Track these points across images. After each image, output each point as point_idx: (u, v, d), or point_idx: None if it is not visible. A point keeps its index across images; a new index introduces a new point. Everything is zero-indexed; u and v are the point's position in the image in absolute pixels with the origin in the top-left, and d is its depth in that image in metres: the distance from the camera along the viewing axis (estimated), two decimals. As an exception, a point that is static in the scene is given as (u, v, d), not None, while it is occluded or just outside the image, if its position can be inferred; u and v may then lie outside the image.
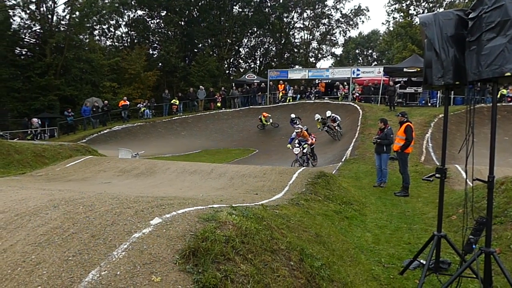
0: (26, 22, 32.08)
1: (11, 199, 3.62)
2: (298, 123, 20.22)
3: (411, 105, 23.25)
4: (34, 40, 32.61)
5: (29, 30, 32.38)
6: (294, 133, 14.17)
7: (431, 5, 41.42)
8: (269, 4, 46.88)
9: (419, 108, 21.20)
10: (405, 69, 22.67)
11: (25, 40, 32.46)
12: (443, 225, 4.09)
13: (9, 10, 30.55)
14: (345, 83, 27.41)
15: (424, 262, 3.97)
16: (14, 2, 30.63)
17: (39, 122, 25.30)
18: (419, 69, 21.48)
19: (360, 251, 5.09)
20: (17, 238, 2.72)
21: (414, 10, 42.84)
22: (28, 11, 31.51)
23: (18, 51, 32.15)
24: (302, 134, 14.10)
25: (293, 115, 22.26)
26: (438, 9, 38.96)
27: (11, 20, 31.18)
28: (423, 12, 40.25)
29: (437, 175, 3.95)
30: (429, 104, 22.98)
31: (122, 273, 2.33)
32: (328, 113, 20.17)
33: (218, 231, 2.88)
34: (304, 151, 13.82)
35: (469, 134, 3.39)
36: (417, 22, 40.50)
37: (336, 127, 20.08)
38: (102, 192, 5.16)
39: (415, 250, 4.96)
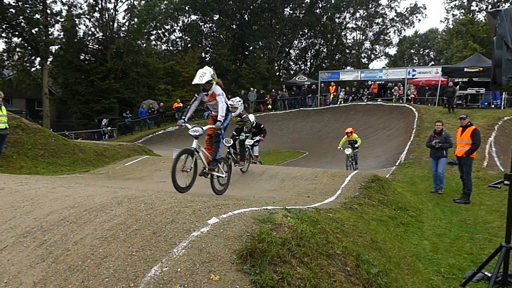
0: (90, 29, 34.33)
1: (80, 195, 3.88)
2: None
3: (472, 106, 21.90)
4: (97, 46, 34.74)
5: (93, 37, 34.56)
6: None
7: (495, 0, 38.64)
8: (320, 5, 46.30)
9: (481, 110, 19.91)
10: (465, 69, 21.40)
11: (89, 46, 34.64)
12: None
13: (76, 19, 32.82)
14: (400, 84, 26.43)
15: (490, 275, 3.73)
16: (80, 12, 32.92)
17: (106, 123, 26.99)
18: (481, 69, 20.19)
19: (417, 260, 4.89)
20: (86, 232, 2.91)
21: (477, 6, 40.17)
22: (92, 19, 33.74)
23: (82, 57, 34.40)
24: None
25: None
26: (503, 4, 36.24)
27: (77, 29, 33.51)
28: (486, 8, 37.68)
29: (506, 182, 3.69)
30: (492, 106, 21.56)
31: (182, 270, 2.41)
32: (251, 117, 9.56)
33: (274, 233, 2.89)
34: None
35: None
36: (479, 19, 38.07)
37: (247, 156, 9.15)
38: (160, 190, 5.37)
39: (478, 261, 4.69)
